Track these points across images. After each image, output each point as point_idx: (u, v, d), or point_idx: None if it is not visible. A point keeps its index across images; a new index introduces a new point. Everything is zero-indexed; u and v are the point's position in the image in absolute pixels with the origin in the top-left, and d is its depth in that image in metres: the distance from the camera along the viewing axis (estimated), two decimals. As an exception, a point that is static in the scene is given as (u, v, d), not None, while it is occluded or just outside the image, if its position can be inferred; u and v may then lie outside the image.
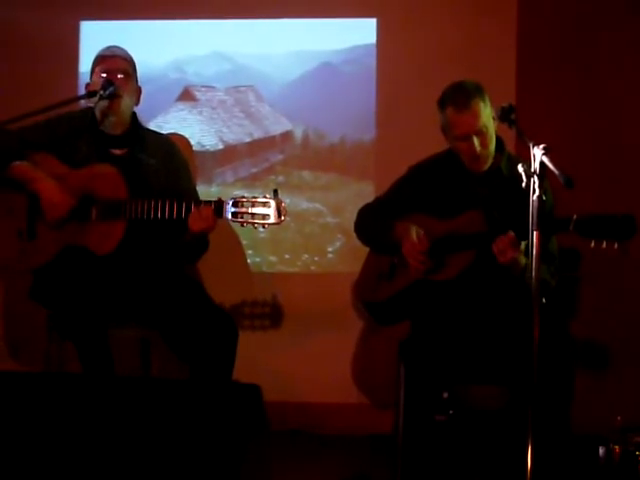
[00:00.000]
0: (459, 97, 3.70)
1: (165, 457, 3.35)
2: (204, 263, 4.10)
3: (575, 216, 3.41)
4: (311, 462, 4.25)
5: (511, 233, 3.51)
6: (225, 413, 3.48)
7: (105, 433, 3.35)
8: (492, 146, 3.75)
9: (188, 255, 3.89)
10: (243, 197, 3.55)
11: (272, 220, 3.52)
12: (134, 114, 3.93)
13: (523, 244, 3.48)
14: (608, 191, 4.67)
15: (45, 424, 3.35)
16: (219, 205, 3.57)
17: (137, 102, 3.92)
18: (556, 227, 3.54)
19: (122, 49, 3.90)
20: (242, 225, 3.56)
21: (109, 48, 3.89)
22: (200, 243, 3.79)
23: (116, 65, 3.82)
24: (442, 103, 3.76)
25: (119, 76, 3.79)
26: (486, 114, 3.67)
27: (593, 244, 3.33)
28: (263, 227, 3.55)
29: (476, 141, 3.68)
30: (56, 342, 3.89)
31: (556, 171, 2.96)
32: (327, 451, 4.45)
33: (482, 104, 3.68)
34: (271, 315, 4.82)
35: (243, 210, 3.54)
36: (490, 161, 3.78)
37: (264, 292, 4.82)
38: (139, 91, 3.92)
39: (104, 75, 3.79)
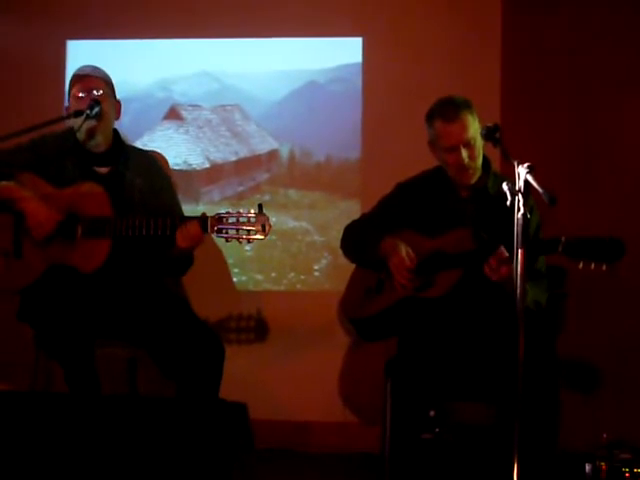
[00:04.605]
0: (448, 109, 3.72)
1: (151, 476, 3.33)
2: (189, 280, 4.10)
3: (564, 238, 3.41)
4: (298, 481, 4.24)
5: (501, 250, 3.51)
6: (211, 432, 3.47)
7: (92, 452, 3.33)
8: (479, 160, 3.76)
9: (174, 269, 3.88)
10: (228, 212, 3.55)
11: (257, 235, 3.51)
12: (116, 131, 3.93)
13: None
14: (593, 209, 4.68)
15: (32, 444, 3.34)
16: (204, 220, 3.57)
17: (118, 116, 3.93)
18: (545, 249, 3.55)
19: (97, 68, 3.90)
20: (227, 240, 3.55)
21: (84, 68, 3.89)
22: (186, 258, 3.80)
23: (92, 84, 3.82)
24: (430, 116, 3.78)
25: (96, 93, 3.79)
26: (474, 128, 3.70)
27: (581, 265, 3.34)
28: (248, 242, 3.54)
29: (464, 152, 3.70)
30: (43, 361, 3.88)
31: (540, 189, 2.96)
32: (314, 469, 4.42)
33: (470, 117, 3.70)
34: (256, 329, 4.81)
35: (227, 225, 3.54)
36: (478, 174, 3.79)
37: (250, 309, 4.82)
38: (118, 105, 3.93)
39: (81, 95, 3.80)
